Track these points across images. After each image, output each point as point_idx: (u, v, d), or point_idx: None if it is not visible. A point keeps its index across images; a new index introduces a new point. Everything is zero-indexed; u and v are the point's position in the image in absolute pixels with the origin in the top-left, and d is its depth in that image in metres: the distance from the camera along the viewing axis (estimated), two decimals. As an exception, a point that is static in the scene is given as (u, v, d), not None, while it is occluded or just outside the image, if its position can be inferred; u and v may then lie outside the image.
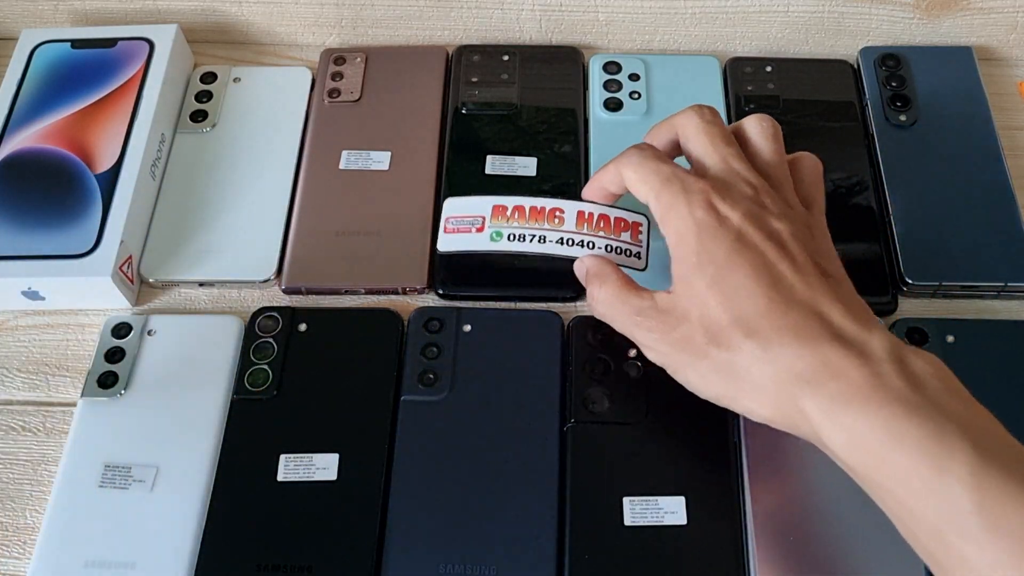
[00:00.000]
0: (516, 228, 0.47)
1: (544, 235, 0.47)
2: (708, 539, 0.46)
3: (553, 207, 0.47)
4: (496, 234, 0.47)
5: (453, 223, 0.48)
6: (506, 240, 0.47)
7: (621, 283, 0.44)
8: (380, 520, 0.47)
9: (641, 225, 0.48)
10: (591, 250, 0.47)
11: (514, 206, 0.48)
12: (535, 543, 0.46)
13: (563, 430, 0.49)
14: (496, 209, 0.48)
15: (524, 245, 0.47)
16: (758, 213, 0.41)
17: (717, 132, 0.44)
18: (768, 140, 0.45)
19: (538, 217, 0.47)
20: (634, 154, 0.45)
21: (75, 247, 0.53)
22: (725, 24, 0.65)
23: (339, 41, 0.68)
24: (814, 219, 0.45)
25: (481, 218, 0.48)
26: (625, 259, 0.47)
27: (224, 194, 0.59)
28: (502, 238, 0.47)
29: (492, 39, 0.67)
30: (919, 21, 0.64)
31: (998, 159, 0.59)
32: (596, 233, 0.47)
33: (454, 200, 0.49)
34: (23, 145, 0.58)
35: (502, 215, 0.48)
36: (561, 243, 0.47)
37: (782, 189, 0.44)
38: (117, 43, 0.62)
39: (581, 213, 0.47)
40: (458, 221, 0.48)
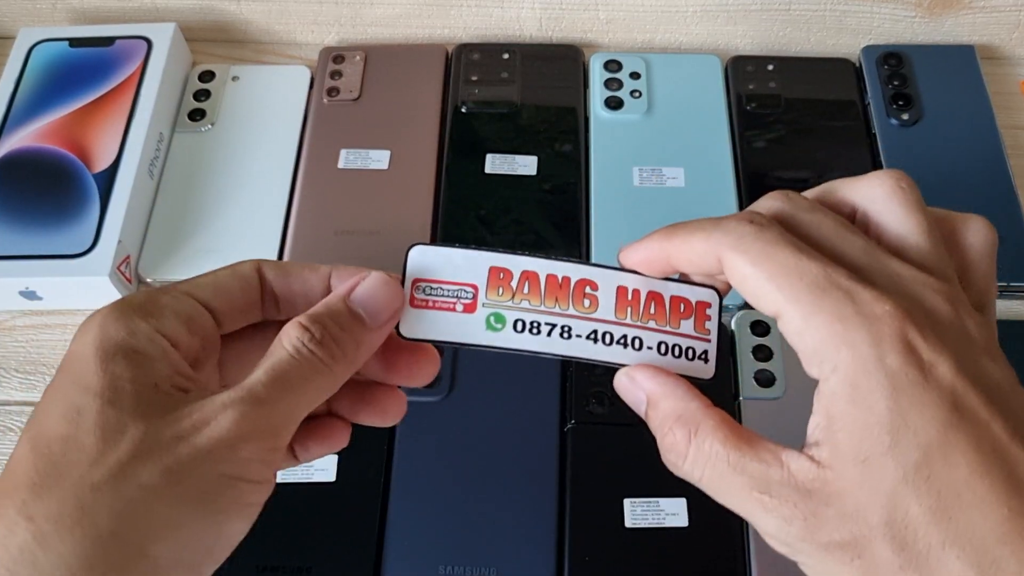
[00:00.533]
0: (528, 311, 0.31)
1: (569, 325, 0.31)
2: (709, 541, 0.46)
3: (581, 278, 0.32)
4: (496, 319, 0.31)
5: (427, 291, 0.31)
6: (511, 331, 0.31)
7: (725, 432, 0.28)
8: (379, 521, 0.47)
9: (709, 307, 0.32)
10: (637, 351, 0.31)
11: (522, 272, 0.32)
12: (535, 544, 0.46)
13: (563, 431, 0.49)
14: (495, 275, 0.32)
15: (539, 341, 0.31)
16: (969, 352, 0.27)
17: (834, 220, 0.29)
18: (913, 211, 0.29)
19: (559, 294, 0.31)
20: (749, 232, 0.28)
21: (73, 247, 0.53)
22: (726, 22, 0.64)
23: (338, 39, 0.67)
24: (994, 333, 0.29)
25: (472, 288, 0.31)
26: (686, 364, 0.32)
27: (222, 193, 0.58)
28: (505, 326, 0.31)
29: (492, 37, 0.67)
30: (921, 20, 0.64)
31: (1000, 158, 0.58)
32: (645, 323, 0.32)
33: (427, 251, 0.32)
34: (21, 144, 0.57)
35: (504, 285, 0.32)
36: (594, 339, 0.31)
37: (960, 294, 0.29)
38: (115, 42, 0.62)
39: (623, 291, 0.32)
40: (435, 290, 0.31)
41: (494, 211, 0.57)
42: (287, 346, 0.28)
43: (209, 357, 0.30)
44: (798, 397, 0.49)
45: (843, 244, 0.28)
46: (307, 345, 0.28)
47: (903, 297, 0.27)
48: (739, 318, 0.52)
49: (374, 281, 0.30)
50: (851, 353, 0.26)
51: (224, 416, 0.26)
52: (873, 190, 0.30)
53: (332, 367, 0.28)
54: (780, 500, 0.26)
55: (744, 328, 0.52)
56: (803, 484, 0.26)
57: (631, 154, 0.60)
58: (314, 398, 0.29)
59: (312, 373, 0.28)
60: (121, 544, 0.25)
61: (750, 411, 0.49)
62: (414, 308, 0.31)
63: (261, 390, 0.27)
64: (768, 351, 0.51)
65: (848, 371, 0.26)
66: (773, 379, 0.50)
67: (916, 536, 0.25)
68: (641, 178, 0.58)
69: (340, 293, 0.30)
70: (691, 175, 0.58)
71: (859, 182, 0.30)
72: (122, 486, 0.25)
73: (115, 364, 0.27)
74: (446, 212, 0.57)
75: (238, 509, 0.27)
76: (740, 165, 0.59)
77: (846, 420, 0.26)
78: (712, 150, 0.60)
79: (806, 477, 0.26)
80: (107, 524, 0.24)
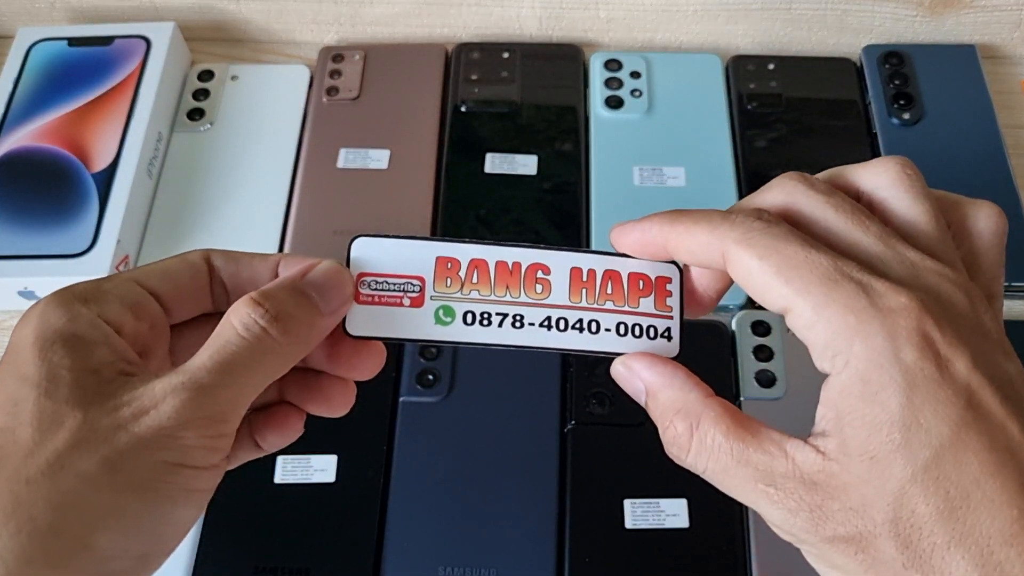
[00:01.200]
0: (477, 302, 0.30)
1: (520, 314, 0.30)
2: (710, 542, 0.45)
3: (533, 263, 0.30)
4: (445, 312, 0.30)
5: (373, 286, 0.30)
6: (461, 323, 0.30)
7: (728, 423, 0.27)
8: (379, 522, 0.46)
9: (670, 281, 0.31)
10: (594, 335, 0.30)
11: (471, 261, 0.30)
12: (535, 546, 0.45)
13: (563, 431, 0.49)
14: (442, 265, 0.30)
15: (490, 333, 0.30)
16: (985, 348, 0.26)
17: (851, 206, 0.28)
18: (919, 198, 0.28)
19: (510, 281, 0.30)
20: (756, 226, 0.27)
21: (71, 247, 0.53)
22: (727, 21, 0.64)
23: (337, 38, 0.67)
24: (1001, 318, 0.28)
25: (419, 281, 0.30)
26: (648, 343, 0.30)
27: (221, 193, 0.58)
28: (455, 319, 0.30)
29: (492, 36, 0.66)
30: (922, 19, 0.64)
31: (1002, 158, 0.58)
32: (602, 303, 0.30)
33: (371, 243, 0.30)
34: (19, 144, 0.57)
35: (452, 276, 0.30)
36: (548, 326, 0.30)
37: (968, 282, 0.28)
38: (114, 41, 0.62)
39: (577, 272, 0.30)
40: (380, 284, 0.30)
41: (494, 211, 0.57)
42: (236, 324, 0.27)
43: (159, 345, 0.30)
44: (799, 397, 0.49)
45: (856, 233, 0.27)
46: (259, 321, 0.27)
47: (919, 289, 0.26)
48: (740, 318, 0.52)
49: (327, 266, 0.29)
50: (865, 346, 0.25)
51: (165, 403, 0.26)
52: (878, 176, 0.29)
53: (283, 346, 0.28)
54: (785, 492, 0.26)
55: (745, 328, 0.52)
56: (808, 476, 0.26)
57: (631, 153, 0.59)
58: (262, 381, 0.28)
59: (261, 353, 0.27)
60: (60, 536, 0.24)
61: (751, 411, 0.49)
62: (360, 304, 0.30)
63: (205, 375, 0.26)
64: (769, 351, 0.51)
65: (860, 365, 0.25)
66: (774, 379, 0.50)
67: (921, 535, 0.24)
68: (641, 177, 0.58)
69: (293, 274, 0.29)
70: (692, 174, 0.58)
71: (864, 168, 0.29)
72: (58, 477, 0.24)
73: (53, 352, 0.26)
74: (446, 212, 0.57)
75: (184, 496, 0.27)
76: (741, 164, 0.59)
77: (855, 415, 0.25)
78: (713, 149, 0.60)
79: (811, 469, 0.26)
80: (44, 517, 0.24)
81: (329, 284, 0.29)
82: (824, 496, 0.25)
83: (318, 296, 0.29)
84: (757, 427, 0.27)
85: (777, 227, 0.27)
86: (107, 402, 0.26)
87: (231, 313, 0.27)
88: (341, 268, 0.29)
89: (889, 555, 0.25)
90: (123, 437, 0.25)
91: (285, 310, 0.28)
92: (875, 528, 0.25)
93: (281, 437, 0.32)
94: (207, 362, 0.27)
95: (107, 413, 0.25)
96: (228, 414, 0.27)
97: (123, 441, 0.25)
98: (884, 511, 0.25)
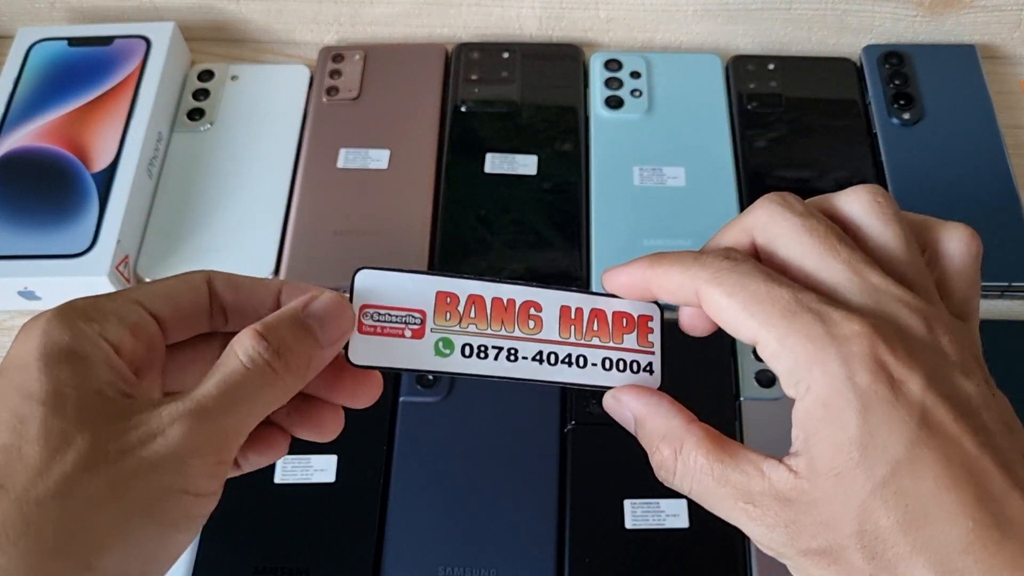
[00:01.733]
0: (474, 336, 0.32)
1: (515, 348, 0.32)
2: (710, 542, 0.45)
3: (526, 300, 0.33)
4: (445, 344, 0.32)
5: (375, 317, 0.32)
6: (460, 356, 0.32)
7: (707, 446, 0.29)
8: (379, 522, 0.46)
9: (651, 320, 0.34)
10: (582, 369, 0.33)
11: (469, 296, 0.32)
12: (535, 546, 0.45)
13: (563, 432, 0.49)
14: (442, 300, 0.32)
15: (487, 365, 0.32)
16: (941, 368, 0.27)
17: (826, 230, 0.29)
18: (892, 225, 0.30)
19: (504, 317, 0.32)
20: (725, 267, 0.29)
21: (71, 246, 0.53)
22: (727, 21, 0.64)
23: (337, 38, 0.67)
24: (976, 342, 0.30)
25: (419, 315, 0.32)
26: (631, 377, 0.33)
27: (221, 193, 0.58)
28: (454, 351, 0.32)
29: (492, 36, 0.66)
30: (922, 19, 0.64)
31: (1002, 158, 0.58)
32: (589, 340, 0.33)
33: (374, 275, 0.32)
34: (19, 144, 0.57)
35: (451, 310, 0.32)
36: (540, 360, 0.32)
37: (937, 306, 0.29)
38: (114, 41, 0.62)
39: (566, 310, 0.33)
40: (383, 316, 0.32)
41: (494, 211, 0.57)
42: (241, 355, 0.28)
43: (153, 365, 0.30)
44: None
45: (826, 258, 0.29)
46: (263, 355, 0.28)
47: (875, 315, 0.27)
48: (740, 318, 0.52)
49: (328, 298, 0.30)
50: (822, 372, 0.27)
51: (173, 429, 0.26)
52: (852, 204, 0.30)
53: (284, 379, 0.28)
54: (763, 509, 0.28)
55: (745, 328, 0.52)
56: (782, 493, 0.27)
57: (631, 153, 0.59)
58: (263, 410, 0.28)
59: (264, 384, 0.28)
60: (66, 557, 0.24)
61: (751, 411, 0.49)
62: (362, 334, 0.31)
63: (211, 402, 0.27)
64: (769, 351, 0.51)
65: (820, 391, 0.27)
66: (774, 379, 0.50)
67: (885, 546, 0.26)
68: (641, 177, 0.58)
69: (295, 306, 0.30)
70: (692, 174, 0.58)
71: (841, 195, 0.31)
72: (67, 499, 0.24)
73: (59, 369, 0.26)
74: (446, 212, 0.57)
75: (186, 521, 0.27)
76: (741, 164, 0.59)
77: (820, 436, 0.27)
78: (713, 149, 0.60)
79: (785, 487, 0.27)
80: (52, 537, 0.24)
81: (330, 316, 0.30)
82: (797, 512, 0.27)
83: (318, 328, 0.29)
84: (736, 449, 0.29)
85: (743, 265, 0.29)
86: (113, 424, 0.26)
87: (236, 344, 0.28)
88: (342, 300, 0.30)
89: (858, 566, 0.26)
90: (131, 462, 0.25)
91: (287, 343, 0.28)
92: (844, 540, 0.26)
93: (264, 458, 0.32)
94: (212, 390, 0.27)
95: (114, 436, 0.26)
96: (231, 442, 0.28)
97: (130, 466, 0.25)
98: (850, 524, 0.26)
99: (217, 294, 0.31)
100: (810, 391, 0.27)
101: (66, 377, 0.26)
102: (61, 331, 0.27)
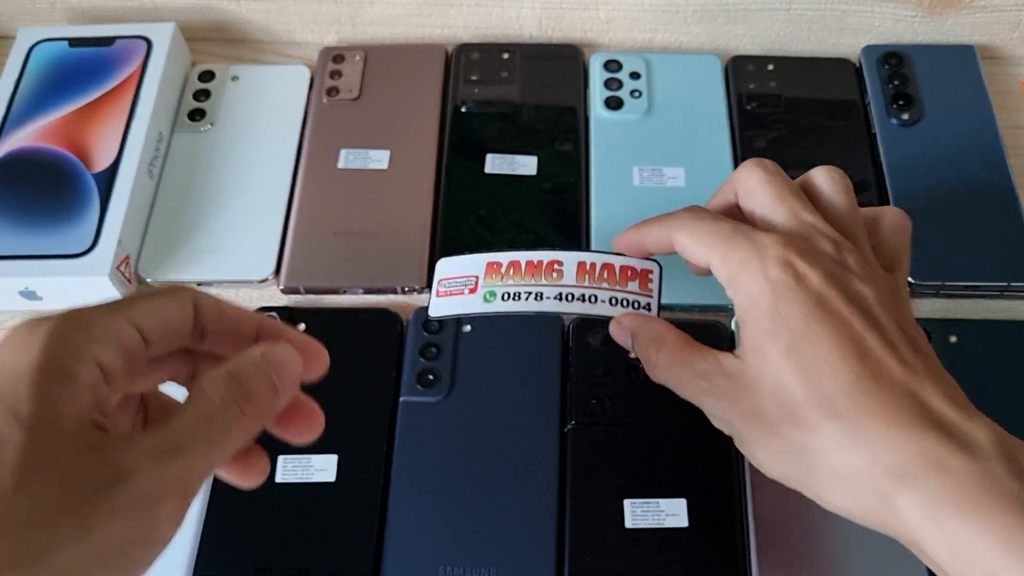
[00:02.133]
0: (511, 286, 0.43)
1: (541, 291, 0.42)
2: (709, 542, 0.46)
3: (551, 260, 0.43)
4: (490, 294, 0.43)
5: (445, 286, 0.44)
6: (500, 300, 0.43)
7: (681, 343, 0.39)
8: (379, 522, 0.46)
9: (651, 272, 0.43)
10: (592, 304, 0.42)
11: (509, 262, 0.43)
12: (535, 546, 0.46)
13: (563, 432, 0.49)
14: (490, 267, 0.44)
15: (519, 304, 0.42)
16: (840, 273, 0.36)
17: (782, 184, 0.39)
18: (841, 193, 0.39)
19: (535, 272, 0.43)
20: (687, 216, 0.39)
21: (72, 247, 0.53)
22: (726, 22, 0.64)
23: (338, 39, 0.67)
24: (897, 284, 0.38)
25: (474, 278, 0.44)
26: (632, 311, 0.43)
27: (222, 193, 0.58)
28: (496, 298, 0.43)
29: (492, 37, 0.67)
30: (921, 19, 0.64)
31: (1001, 158, 0.58)
32: (599, 285, 0.43)
33: (446, 261, 0.45)
34: (20, 144, 0.57)
35: (496, 272, 0.43)
36: (560, 299, 0.42)
37: (860, 248, 0.38)
38: (115, 41, 0.62)
39: (582, 264, 0.43)
40: (450, 283, 0.44)
41: (494, 211, 0.57)
42: (213, 396, 0.29)
43: (129, 385, 0.30)
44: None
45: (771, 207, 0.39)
46: (233, 396, 0.29)
47: (793, 236, 0.37)
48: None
49: (286, 352, 0.32)
50: (747, 272, 0.36)
51: (144, 469, 0.26)
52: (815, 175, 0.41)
53: (252, 420, 0.30)
54: (713, 384, 0.37)
55: (744, 328, 0.52)
56: (727, 370, 0.37)
57: (631, 154, 0.60)
58: (229, 450, 0.30)
59: (232, 424, 0.29)
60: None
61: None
62: (438, 298, 0.44)
63: (182, 440, 0.27)
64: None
65: (746, 286, 0.36)
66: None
67: (791, 399, 0.34)
68: (641, 178, 0.58)
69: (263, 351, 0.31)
70: (691, 175, 0.58)
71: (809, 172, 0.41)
72: (35, 535, 0.24)
73: (49, 390, 0.26)
74: (446, 212, 0.57)
75: (144, 566, 0.27)
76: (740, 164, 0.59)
77: (746, 320, 0.36)
78: (712, 150, 0.60)
79: (729, 365, 0.37)
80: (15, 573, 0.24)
81: (288, 369, 0.32)
82: (736, 383, 0.36)
83: (277, 378, 0.31)
84: (703, 346, 0.39)
85: (700, 213, 0.40)
86: (87, 458, 0.26)
87: (208, 386, 0.29)
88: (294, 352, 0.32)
89: (775, 415, 0.35)
90: (101, 504, 0.25)
91: (254, 387, 0.30)
92: (765, 399, 0.35)
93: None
94: (184, 428, 0.28)
95: (88, 472, 0.26)
96: (198, 482, 0.28)
97: (101, 508, 0.25)
98: (768, 383, 0.35)
99: (202, 317, 0.32)
100: (739, 288, 0.36)
101: (53, 399, 0.26)
102: (62, 346, 0.27)
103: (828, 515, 0.46)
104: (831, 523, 0.46)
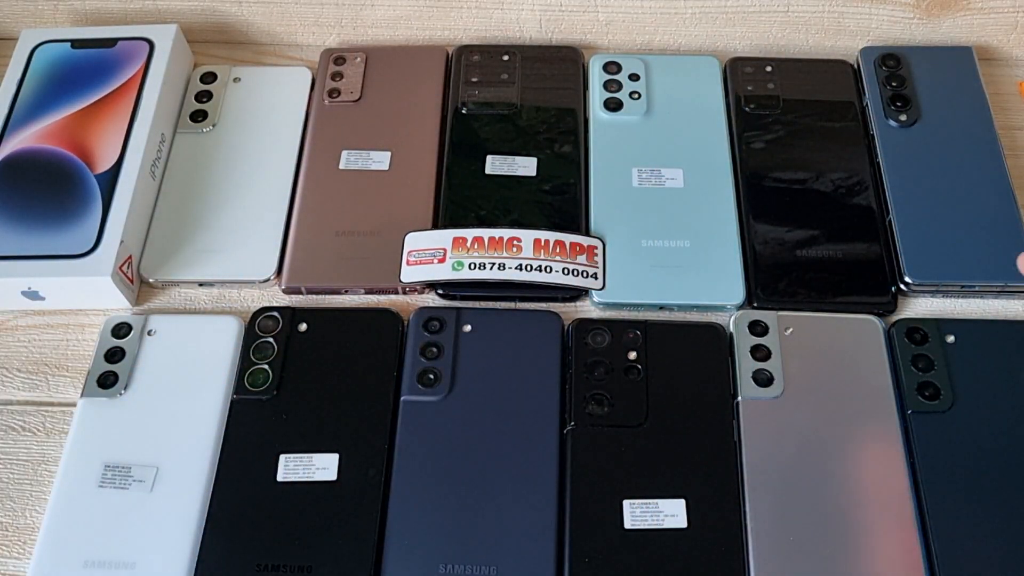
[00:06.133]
0: (476, 257, 0.51)
1: (503, 263, 0.51)
2: (708, 542, 0.46)
3: (511, 236, 0.52)
4: (457, 264, 0.51)
5: (415, 256, 0.52)
6: (467, 269, 0.51)
7: None
8: (380, 520, 0.47)
9: (596, 248, 0.52)
10: (548, 274, 0.51)
11: (474, 237, 0.52)
12: (535, 545, 0.46)
13: (563, 433, 0.49)
14: (456, 241, 0.52)
15: (484, 273, 0.51)
16: None
17: None
18: None
19: (496, 246, 0.51)
20: None
21: (75, 247, 0.53)
22: (725, 24, 0.65)
23: (339, 41, 0.68)
24: None
25: (443, 250, 0.51)
26: (583, 280, 0.52)
27: (224, 194, 0.59)
28: (463, 267, 0.51)
29: (492, 39, 0.67)
30: (919, 21, 0.64)
31: (998, 159, 0.59)
32: (553, 258, 0.51)
33: (415, 235, 0.53)
34: (23, 145, 0.58)
35: (462, 246, 0.51)
36: (520, 269, 0.51)
37: None
38: (117, 43, 0.62)
39: (538, 241, 0.52)
40: (420, 254, 0.52)
41: (494, 212, 0.57)
42: None
43: None
44: (797, 396, 0.50)
45: None
46: None
47: None
48: (737, 319, 0.53)
49: None
50: None
51: None
52: None
53: None
54: None
55: (742, 328, 0.52)
56: None
57: (630, 155, 0.60)
58: None
59: None
60: None
61: (749, 410, 0.49)
62: (408, 266, 0.52)
63: None
64: (766, 350, 0.51)
65: None
66: (771, 378, 0.50)
67: None
68: (640, 179, 0.59)
69: None
70: (690, 176, 0.59)
71: None
72: None
73: None
74: (446, 213, 0.57)
75: None
76: (739, 166, 0.59)
77: None
78: (711, 151, 0.60)
79: None
80: None
81: None
82: None
83: None
84: None
85: None
86: None
87: None
88: None
89: None
90: None
91: None
92: None
93: None
94: None
95: None
96: None
97: None
98: None
99: None
100: None
101: None
102: None
103: (827, 515, 0.46)
104: (830, 524, 0.46)
